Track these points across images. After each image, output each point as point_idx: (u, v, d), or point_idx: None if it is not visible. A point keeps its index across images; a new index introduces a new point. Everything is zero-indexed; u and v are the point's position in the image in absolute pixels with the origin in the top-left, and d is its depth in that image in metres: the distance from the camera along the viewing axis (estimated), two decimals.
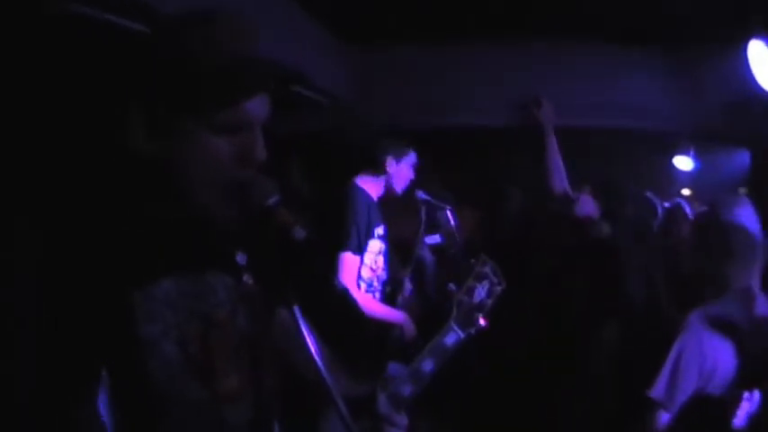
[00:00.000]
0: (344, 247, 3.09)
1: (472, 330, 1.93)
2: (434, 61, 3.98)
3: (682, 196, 5.16)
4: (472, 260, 2.08)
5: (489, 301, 1.98)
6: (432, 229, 4.32)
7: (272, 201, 1.11)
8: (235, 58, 1.07)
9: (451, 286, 3.45)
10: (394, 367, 1.61)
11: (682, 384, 2.08)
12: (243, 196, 1.11)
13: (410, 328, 3.33)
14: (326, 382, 1.11)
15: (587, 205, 3.65)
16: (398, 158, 3.37)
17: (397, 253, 3.81)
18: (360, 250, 3.15)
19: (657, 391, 2.10)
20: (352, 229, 3.10)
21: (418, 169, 3.53)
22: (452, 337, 1.90)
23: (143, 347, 1.06)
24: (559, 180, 3.75)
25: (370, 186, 3.34)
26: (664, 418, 2.11)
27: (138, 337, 1.05)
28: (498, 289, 2.00)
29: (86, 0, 2.00)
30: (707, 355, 2.08)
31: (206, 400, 1.13)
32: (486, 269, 2.01)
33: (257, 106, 1.11)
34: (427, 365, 1.84)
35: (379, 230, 3.30)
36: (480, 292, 1.98)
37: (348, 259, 3.10)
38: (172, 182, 1.11)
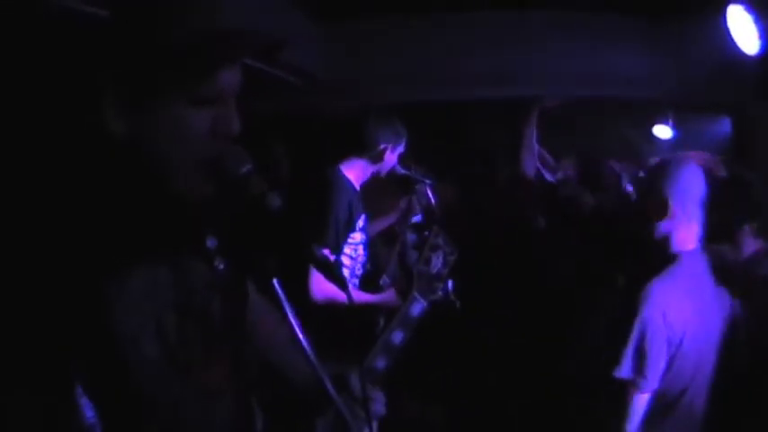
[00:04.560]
0: (321, 245, 2.86)
1: (435, 298, 2.01)
2: (411, 34, 3.91)
3: None
4: (426, 232, 2.17)
5: (445, 271, 2.06)
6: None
7: (245, 169, 1.07)
8: (210, 27, 1.04)
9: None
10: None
11: (650, 358, 2.03)
12: (217, 168, 1.07)
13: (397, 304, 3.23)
14: (314, 363, 1.09)
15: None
16: (395, 147, 3.22)
17: (381, 234, 3.76)
18: (337, 250, 3.00)
19: (625, 370, 2.05)
20: (331, 226, 2.94)
21: None
22: (417, 306, 1.96)
23: (122, 343, 1.00)
24: (530, 160, 3.78)
25: (356, 172, 3.16)
26: (641, 397, 2.05)
27: (116, 333, 1.00)
28: (451, 258, 2.09)
29: None
30: (673, 324, 2.04)
31: (190, 395, 1.09)
32: (439, 240, 2.09)
33: (231, 77, 1.08)
34: (396, 337, 1.89)
35: (361, 222, 3.16)
36: (436, 262, 2.06)
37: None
38: (145, 161, 1.06)
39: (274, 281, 1.08)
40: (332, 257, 2.98)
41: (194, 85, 1.03)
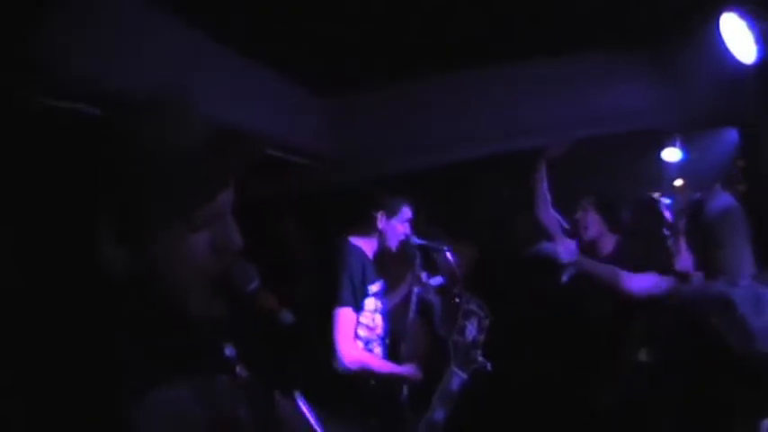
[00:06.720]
0: (339, 303, 2.98)
1: (474, 368, 1.97)
2: (413, 99, 3.94)
3: (674, 188, 5.17)
4: (456, 299, 2.13)
5: (482, 337, 2.03)
6: (433, 272, 4.25)
7: (252, 286, 1.08)
8: (203, 145, 1.02)
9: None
10: None
11: None
12: (223, 286, 1.06)
13: (418, 377, 3.18)
14: None
15: (593, 226, 3.64)
16: (390, 215, 3.28)
17: (401, 304, 3.73)
18: (356, 305, 3.05)
19: None
20: (346, 284, 3.01)
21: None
22: (457, 380, 1.94)
23: None
24: (546, 208, 3.76)
25: (364, 244, 3.25)
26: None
27: None
28: (486, 322, 2.05)
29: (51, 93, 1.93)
30: None
31: None
32: (473, 306, 2.07)
33: (228, 194, 1.07)
34: (439, 415, 1.88)
35: (374, 288, 3.20)
36: (471, 329, 2.01)
37: (343, 314, 2.96)
38: (151, 287, 1.03)
39: (297, 395, 1.08)
40: (356, 314, 3.03)
41: (193, 210, 1.01)
